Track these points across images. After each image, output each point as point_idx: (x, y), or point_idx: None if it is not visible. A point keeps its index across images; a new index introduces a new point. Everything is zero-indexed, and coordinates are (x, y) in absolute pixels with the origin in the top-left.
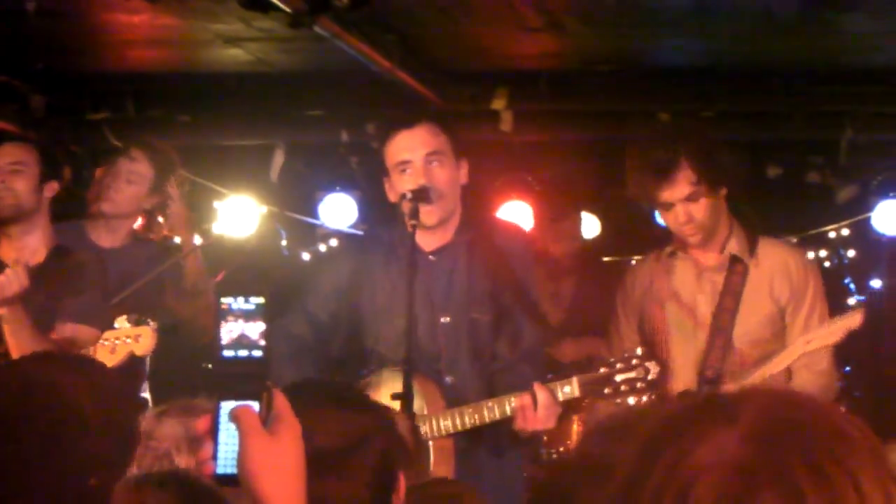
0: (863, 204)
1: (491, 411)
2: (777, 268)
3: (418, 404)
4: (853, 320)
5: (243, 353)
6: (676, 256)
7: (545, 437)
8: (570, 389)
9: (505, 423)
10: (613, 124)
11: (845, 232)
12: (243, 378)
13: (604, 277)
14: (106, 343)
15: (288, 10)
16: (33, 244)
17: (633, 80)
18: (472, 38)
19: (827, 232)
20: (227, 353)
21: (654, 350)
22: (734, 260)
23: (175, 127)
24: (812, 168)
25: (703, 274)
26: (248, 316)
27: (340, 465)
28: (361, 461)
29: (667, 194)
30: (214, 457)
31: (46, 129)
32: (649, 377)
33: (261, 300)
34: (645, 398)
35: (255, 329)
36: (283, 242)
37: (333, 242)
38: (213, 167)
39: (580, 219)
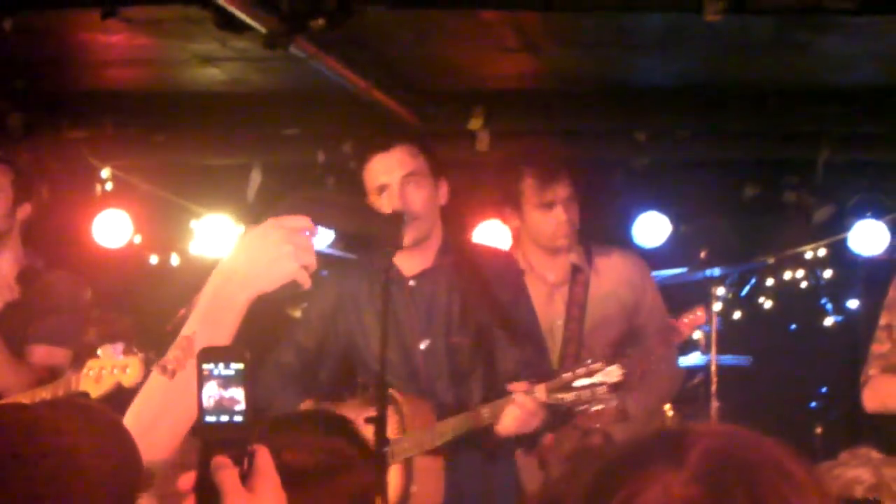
0: (839, 224)
1: (465, 423)
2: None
3: (401, 427)
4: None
5: (225, 418)
6: (526, 275)
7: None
8: (537, 395)
9: (487, 432)
10: (590, 144)
11: (822, 252)
12: (225, 443)
13: None
14: (91, 372)
15: (263, 30)
16: (3, 267)
17: (609, 100)
18: (449, 58)
19: (803, 252)
20: (209, 418)
21: None
22: (576, 270)
23: (152, 146)
24: (788, 188)
25: (553, 290)
26: (227, 382)
27: (320, 486)
28: (340, 487)
29: (550, 193)
30: None
31: (24, 149)
32: (611, 380)
33: (240, 366)
34: (611, 402)
35: (234, 394)
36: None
37: (324, 273)
38: (189, 186)
39: None
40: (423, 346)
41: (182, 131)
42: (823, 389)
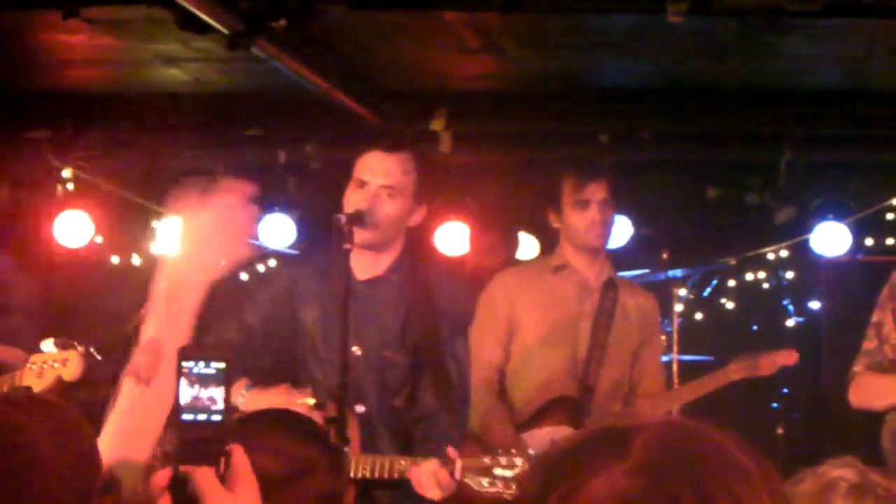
0: (801, 226)
1: (390, 472)
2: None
3: (344, 434)
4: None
5: (202, 416)
6: (564, 271)
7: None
8: (452, 469)
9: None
10: (552, 146)
11: (784, 254)
12: (202, 442)
13: None
14: (33, 367)
15: (225, 31)
16: None
17: (571, 101)
18: (411, 59)
19: (766, 253)
20: (186, 416)
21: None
22: (609, 283)
23: (114, 146)
24: (751, 190)
25: (585, 295)
26: (206, 381)
27: (285, 491)
28: (306, 489)
29: (588, 192)
30: None
31: None
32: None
33: (222, 365)
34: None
35: (213, 393)
36: (222, 262)
37: (272, 263)
38: (151, 186)
39: (503, 234)
40: (356, 351)
41: (144, 132)
42: (785, 390)
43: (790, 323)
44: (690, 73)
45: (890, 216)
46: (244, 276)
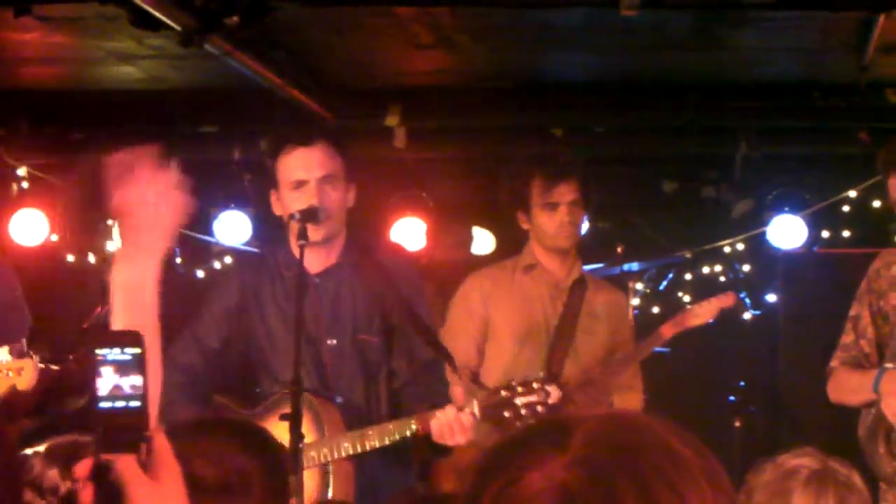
0: (758, 219)
1: (391, 433)
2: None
3: (319, 427)
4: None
5: (121, 404)
6: (535, 270)
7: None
8: (469, 410)
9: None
10: (507, 140)
11: (740, 246)
12: (122, 429)
13: None
14: None
15: (178, 28)
16: None
17: (525, 95)
18: (364, 54)
19: (722, 246)
20: (104, 404)
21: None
22: (578, 281)
23: (68, 144)
24: (707, 183)
25: (555, 294)
26: (122, 368)
27: (216, 501)
28: (236, 501)
29: (557, 195)
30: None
31: None
32: (549, 401)
33: (137, 350)
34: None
35: (131, 380)
36: (178, 260)
37: (228, 260)
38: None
39: (466, 228)
40: (329, 342)
41: (98, 129)
42: (742, 383)
43: (747, 316)
44: (645, 67)
45: (846, 208)
46: (200, 274)
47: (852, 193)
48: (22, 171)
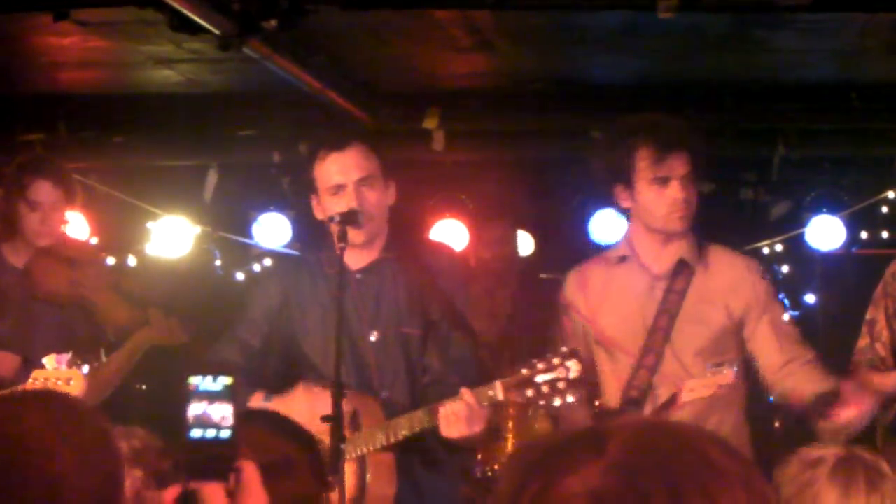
0: (796, 220)
1: (420, 421)
2: (729, 277)
3: (355, 422)
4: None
5: (211, 433)
6: (626, 261)
7: (479, 455)
8: (493, 393)
9: (436, 433)
10: (545, 143)
11: (779, 248)
12: (211, 459)
13: (541, 294)
14: (36, 383)
15: (217, 32)
16: None
17: (563, 98)
18: (403, 58)
19: (761, 248)
20: (195, 433)
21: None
22: (681, 265)
23: (107, 148)
24: (745, 185)
25: (655, 283)
26: (213, 397)
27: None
28: (281, 485)
29: (667, 168)
30: None
31: None
32: (570, 376)
33: (228, 381)
34: (570, 397)
35: (221, 410)
36: (217, 263)
37: (267, 262)
38: (145, 188)
39: (511, 226)
40: (373, 337)
41: (137, 133)
42: None
43: (786, 317)
44: (683, 69)
45: (884, 209)
46: (240, 276)
47: (891, 194)
48: None
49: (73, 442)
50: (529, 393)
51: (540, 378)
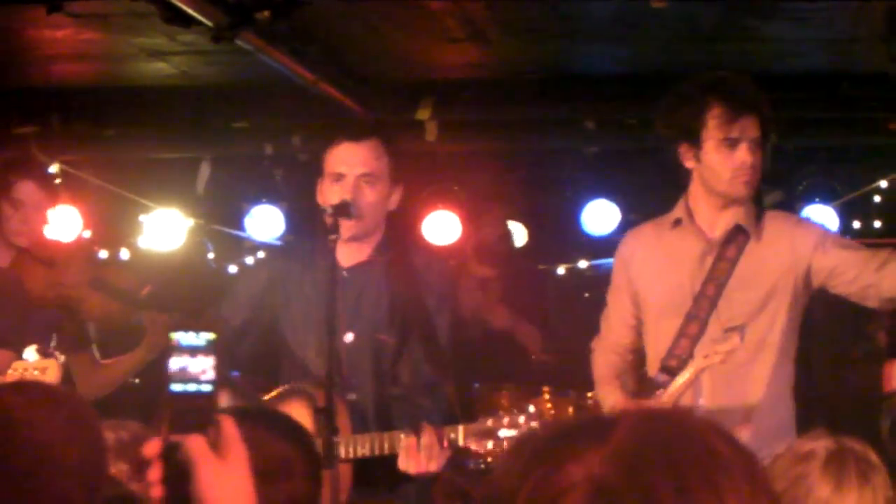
0: (788, 209)
1: (381, 447)
2: (787, 241)
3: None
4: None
5: (192, 387)
6: (680, 225)
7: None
8: (454, 437)
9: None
10: (538, 133)
11: None
12: (192, 412)
13: (534, 285)
14: (14, 374)
15: (210, 24)
16: None
17: (557, 88)
18: (396, 48)
19: None
20: (176, 387)
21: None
22: (736, 231)
23: (100, 140)
24: None
25: (708, 249)
26: (196, 352)
27: (258, 487)
28: (279, 490)
29: (738, 129)
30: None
31: None
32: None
33: (211, 336)
34: None
35: (203, 364)
36: (210, 255)
37: (260, 255)
38: (138, 180)
39: (503, 212)
40: (347, 338)
41: (130, 126)
42: None
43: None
44: (675, 59)
45: (877, 198)
46: (232, 269)
47: (883, 184)
48: (54, 168)
49: (55, 416)
50: (489, 444)
51: (503, 433)
